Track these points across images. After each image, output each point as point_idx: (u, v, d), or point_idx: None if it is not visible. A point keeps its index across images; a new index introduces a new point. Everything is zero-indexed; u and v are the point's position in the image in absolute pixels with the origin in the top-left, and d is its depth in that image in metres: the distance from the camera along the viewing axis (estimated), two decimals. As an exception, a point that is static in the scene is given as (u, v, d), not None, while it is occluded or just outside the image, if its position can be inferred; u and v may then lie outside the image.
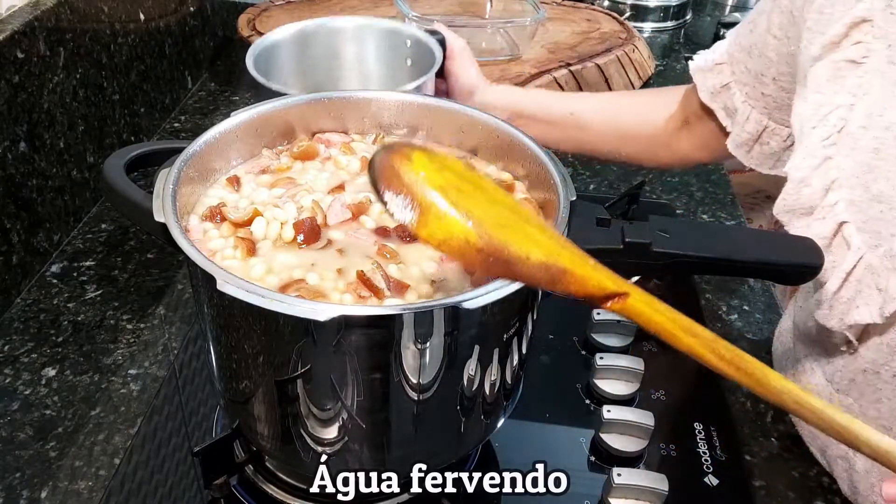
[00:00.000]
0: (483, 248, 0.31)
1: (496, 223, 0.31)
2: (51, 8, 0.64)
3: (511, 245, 0.31)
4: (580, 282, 0.33)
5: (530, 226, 0.33)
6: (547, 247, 0.32)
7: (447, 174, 0.32)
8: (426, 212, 0.30)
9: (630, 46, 0.99)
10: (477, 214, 0.31)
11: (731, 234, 0.43)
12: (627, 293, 0.34)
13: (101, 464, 0.49)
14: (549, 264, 0.32)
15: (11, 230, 0.61)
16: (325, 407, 0.39)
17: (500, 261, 0.31)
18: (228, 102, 0.95)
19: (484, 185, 0.33)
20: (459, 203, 0.31)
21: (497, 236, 0.31)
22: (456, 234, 0.30)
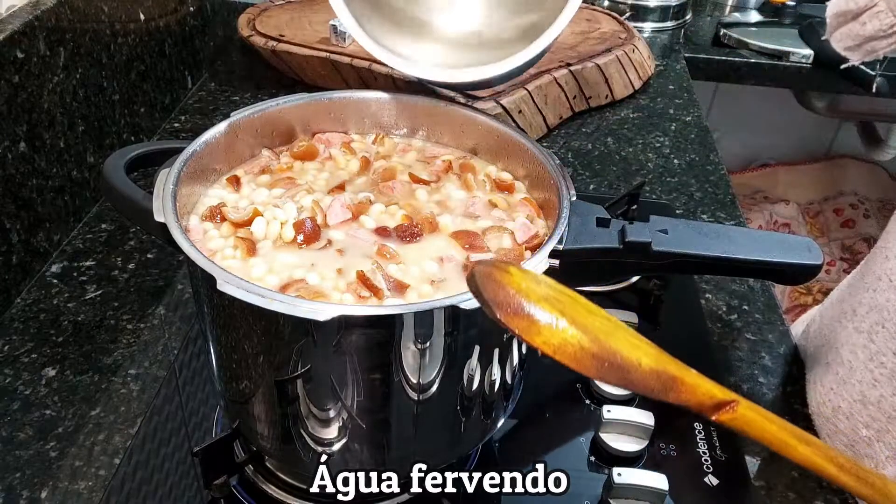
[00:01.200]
0: (597, 353, 0.31)
1: (602, 329, 0.32)
2: (51, 8, 0.64)
3: (622, 350, 0.32)
4: (691, 390, 0.33)
5: (630, 335, 0.33)
6: (653, 354, 0.33)
7: (544, 286, 0.32)
8: (536, 320, 0.30)
9: (630, 46, 0.99)
10: (583, 322, 0.31)
11: (731, 234, 0.43)
12: (737, 401, 0.34)
13: (101, 464, 0.49)
14: (659, 371, 0.32)
15: (11, 230, 0.61)
16: (325, 407, 0.39)
17: (615, 366, 0.31)
18: (228, 102, 0.95)
19: (576, 297, 0.33)
20: (565, 311, 0.31)
21: (607, 342, 0.31)
22: (570, 340, 0.31)
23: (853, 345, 0.51)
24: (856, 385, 0.50)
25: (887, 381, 0.47)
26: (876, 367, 0.48)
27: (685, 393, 0.33)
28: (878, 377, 0.48)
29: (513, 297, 0.30)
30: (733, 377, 0.59)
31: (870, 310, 0.50)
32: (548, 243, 0.38)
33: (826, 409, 0.53)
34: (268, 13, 1.01)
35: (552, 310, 0.31)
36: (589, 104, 0.96)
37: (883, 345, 0.48)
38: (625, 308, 0.61)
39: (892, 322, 0.47)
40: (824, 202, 1.63)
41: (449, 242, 0.44)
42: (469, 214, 0.46)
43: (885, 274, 0.49)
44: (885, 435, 0.48)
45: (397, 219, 0.45)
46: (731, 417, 0.34)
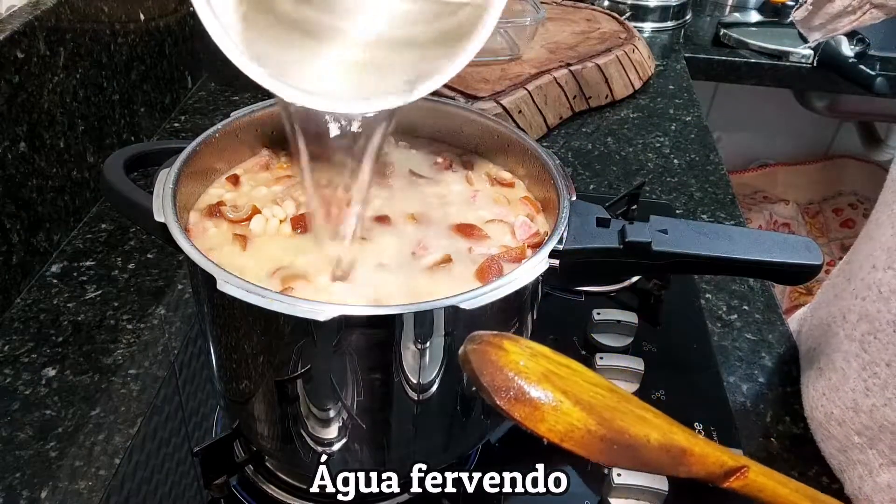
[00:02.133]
0: (605, 435, 0.29)
1: (606, 406, 0.30)
2: (51, 8, 0.64)
3: (629, 428, 0.30)
4: (701, 461, 0.32)
5: (633, 405, 0.32)
6: (659, 426, 0.31)
7: (541, 360, 0.30)
8: (540, 406, 0.29)
9: (630, 46, 0.99)
10: (587, 400, 0.29)
11: (731, 234, 0.43)
12: (747, 467, 0.33)
13: (101, 464, 0.49)
14: (668, 446, 0.31)
15: (11, 230, 0.61)
16: (325, 407, 0.39)
17: (623, 446, 0.30)
18: (228, 102, 0.95)
19: (574, 366, 0.32)
20: (568, 390, 0.29)
21: (614, 421, 0.30)
22: (576, 425, 0.29)
23: (845, 352, 0.51)
24: (849, 393, 0.50)
25: (880, 391, 0.47)
26: (869, 377, 0.48)
27: (695, 465, 0.32)
28: (871, 386, 0.48)
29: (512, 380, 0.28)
30: (733, 377, 0.59)
31: (860, 318, 0.49)
32: (548, 243, 0.38)
33: (819, 414, 0.53)
34: (268, 13, 1.01)
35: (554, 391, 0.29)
36: (589, 104, 0.96)
37: (876, 355, 0.47)
38: (625, 308, 0.61)
39: (884, 333, 0.47)
40: (824, 202, 1.63)
41: (449, 233, 0.44)
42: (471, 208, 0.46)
43: (874, 283, 0.48)
44: (877, 443, 0.48)
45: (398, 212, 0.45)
46: (743, 484, 0.33)
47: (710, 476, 0.32)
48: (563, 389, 0.29)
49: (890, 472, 0.47)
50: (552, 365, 0.30)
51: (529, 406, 0.29)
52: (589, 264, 0.41)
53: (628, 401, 0.32)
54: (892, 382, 0.46)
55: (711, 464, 0.32)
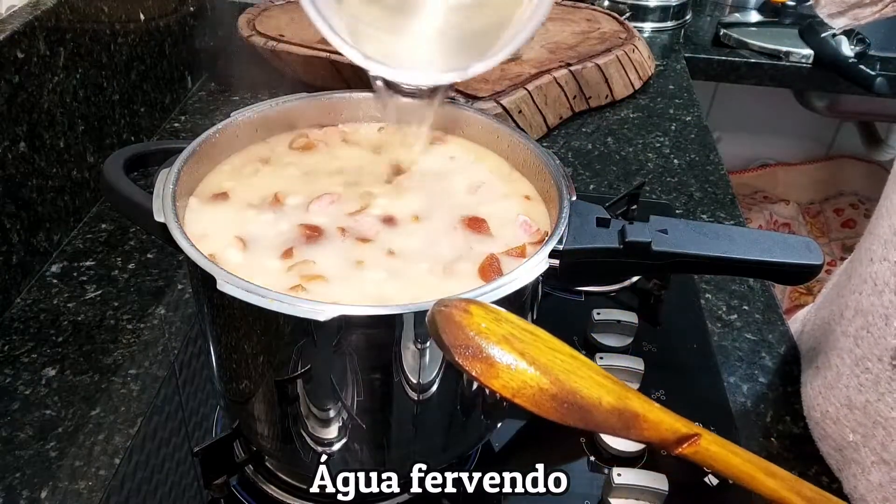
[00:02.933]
0: (557, 393, 0.31)
1: (562, 369, 0.31)
2: (51, 8, 0.64)
3: (582, 390, 0.31)
4: (653, 426, 0.33)
5: (592, 371, 0.33)
6: (615, 391, 0.32)
7: (504, 324, 0.31)
8: (496, 363, 0.30)
9: (630, 46, 0.99)
10: (543, 361, 0.31)
11: (731, 234, 0.43)
12: (699, 434, 0.34)
13: (101, 464, 0.49)
14: (621, 409, 0.32)
15: (11, 230, 0.61)
16: (325, 407, 0.39)
17: (575, 406, 0.31)
18: (228, 102, 0.95)
19: (539, 333, 0.33)
20: (525, 351, 0.31)
21: (567, 382, 0.31)
22: (529, 382, 0.30)
23: (840, 349, 0.51)
24: (843, 389, 0.50)
25: (872, 387, 0.47)
26: (862, 373, 0.48)
27: (647, 430, 0.33)
28: (864, 382, 0.48)
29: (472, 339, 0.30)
30: (733, 377, 0.59)
31: (856, 313, 0.49)
32: (548, 243, 0.38)
33: (816, 413, 0.53)
34: (268, 13, 1.01)
35: (512, 350, 0.30)
36: (589, 104, 0.96)
37: (868, 350, 0.47)
38: (625, 308, 0.61)
39: (876, 327, 0.47)
40: (824, 202, 1.63)
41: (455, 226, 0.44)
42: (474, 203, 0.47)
43: (869, 277, 0.48)
44: (870, 440, 0.48)
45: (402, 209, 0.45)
46: (694, 451, 0.34)
47: (663, 442, 0.33)
48: (521, 351, 0.31)
49: (880, 470, 0.47)
50: (515, 330, 0.32)
51: (485, 363, 0.30)
52: (589, 264, 0.41)
53: (588, 367, 0.33)
54: (884, 377, 0.46)
55: (664, 430, 0.33)
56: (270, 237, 0.42)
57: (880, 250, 0.48)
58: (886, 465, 0.46)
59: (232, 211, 0.44)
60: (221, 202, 0.45)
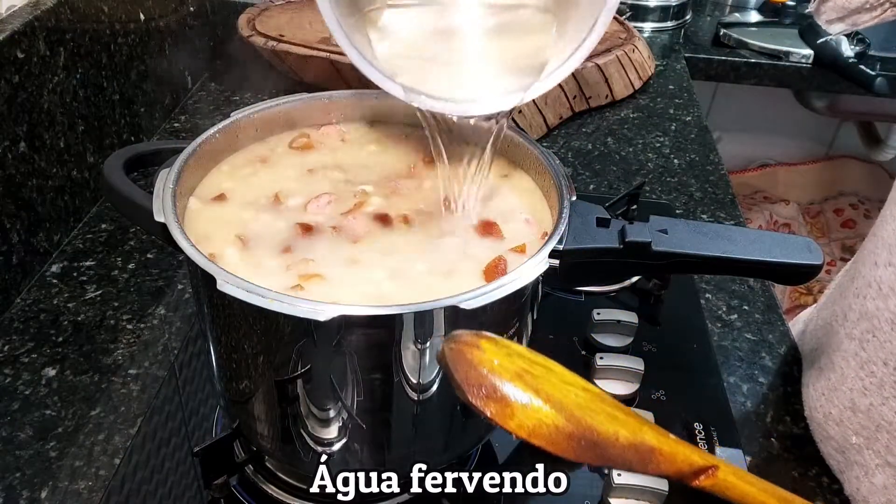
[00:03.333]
0: (573, 432, 0.30)
1: (577, 404, 0.31)
2: (51, 8, 0.64)
3: (598, 426, 0.30)
4: (669, 459, 0.32)
5: (606, 404, 0.32)
6: (630, 424, 0.32)
7: (517, 359, 0.31)
8: (511, 403, 0.29)
9: (630, 46, 0.99)
10: (558, 398, 0.30)
11: (731, 234, 0.43)
12: (716, 466, 0.33)
13: (101, 464, 0.49)
14: (637, 443, 0.31)
15: (11, 230, 0.61)
16: (325, 407, 0.39)
17: (591, 443, 0.30)
18: (228, 102, 0.95)
19: (551, 366, 0.32)
20: (539, 388, 0.30)
21: (583, 418, 0.30)
22: (544, 421, 0.30)
23: (844, 351, 0.51)
24: (846, 392, 0.50)
25: (877, 390, 0.47)
26: (866, 376, 0.48)
27: (664, 463, 0.32)
28: (869, 386, 0.48)
29: (485, 377, 0.29)
30: (733, 377, 0.59)
31: (860, 317, 0.49)
32: (548, 243, 0.38)
33: (818, 415, 0.53)
34: (268, 13, 1.01)
35: (526, 388, 0.30)
36: (589, 104, 0.96)
37: (873, 353, 0.47)
38: (625, 308, 0.61)
39: (882, 331, 0.47)
40: (824, 202, 1.63)
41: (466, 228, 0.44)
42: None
43: (874, 281, 0.48)
44: (874, 443, 0.48)
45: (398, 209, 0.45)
46: (712, 483, 0.33)
47: (679, 474, 0.33)
48: (535, 387, 0.30)
49: (885, 472, 0.47)
50: (527, 364, 0.31)
51: (500, 402, 0.29)
52: (589, 264, 0.41)
53: (602, 400, 0.32)
54: (889, 381, 0.46)
55: (680, 462, 0.33)
56: (270, 237, 0.42)
57: (885, 255, 0.48)
58: (892, 468, 0.46)
59: (231, 211, 0.44)
60: (221, 203, 0.45)
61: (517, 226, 0.44)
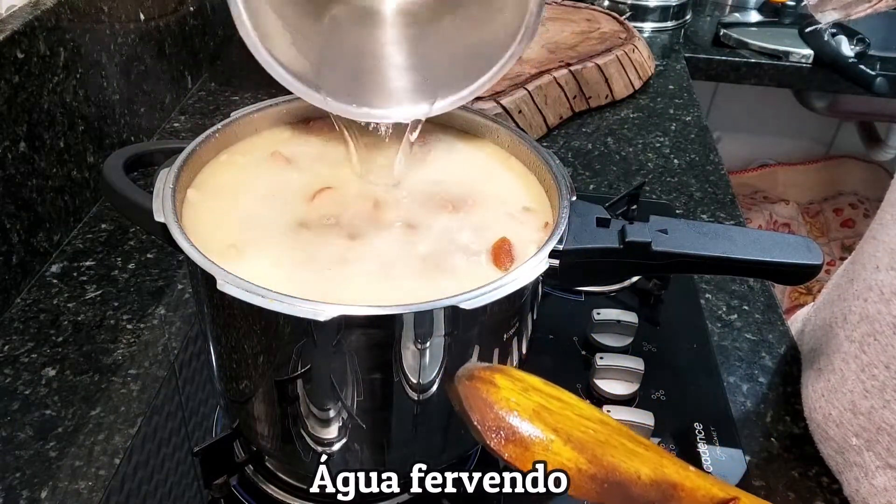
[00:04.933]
0: (595, 474, 0.29)
1: (597, 441, 0.29)
2: (51, 8, 0.64)
3: (620, 465, 0.29)
4: (691, 495, 0.31)
5: (624, 437, 0.31)
6: (650, 460, 0.31)
7: (533, 395, 0.30)
8: (530, 446, 0.28)
9: (630, 46, 0.99)
10: (577, 436, 0.29)
11: (731, 234, 0.43)
12: (738, 499, 0.32)
13: (101, 464, 0.49)
14: (659, 481, 0.30)
15: (11, 230, 0.61)
16: (325, 407, 0.39)
17: (614, 484, 0.29)
18: (228, 102, 0.95)
19: (566, 398, 0.31)
20: (559, 427, 0.29)
21: (604, 457, 0.29)
22: (567, 465, 0.29)
23: (845, 353, 0.51)
24: (847, 394, 0.50)
25: (878, 393, 0.47)
26: (867, 379, 0.48)
27: (686, 500, 0.31)
28: (870, 388, 0.48)
29: (502, 419, 0.28)
30: (733, 377, 0.59)
31: (861, 319, 0.49)
32: (548, 243, 0.38)
33: (817, 415, 0.53)
34: (268, 13, 1.01)
35: (545, 429, 0.28)
36: (589, 104, 0.96)
37: (875, 357, 0.47)
38: (625, 308, 0.61)
39: (883, 335, 0.47)
40: (824, 202, 1.63)
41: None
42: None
43: (875, 285, 0.48)
44: (874, 445, 0.48)
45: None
46: None
47: None
48: (555, 427, 0.29)
49: (886, 474, 0.47)
50: (543, 399, 0.30)
51: (520, 446, 0.28)
52: (589, 264, 0.41)
53: (619, 433, 0.31)
54: (890, 385, 0.46)
55: (701, 497, 0.32)
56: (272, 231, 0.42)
57: (887, 259, 0.48)
58: (892, 470, 0.46)
59: (231, 204, 0.44)
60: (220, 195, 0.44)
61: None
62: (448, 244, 0.42)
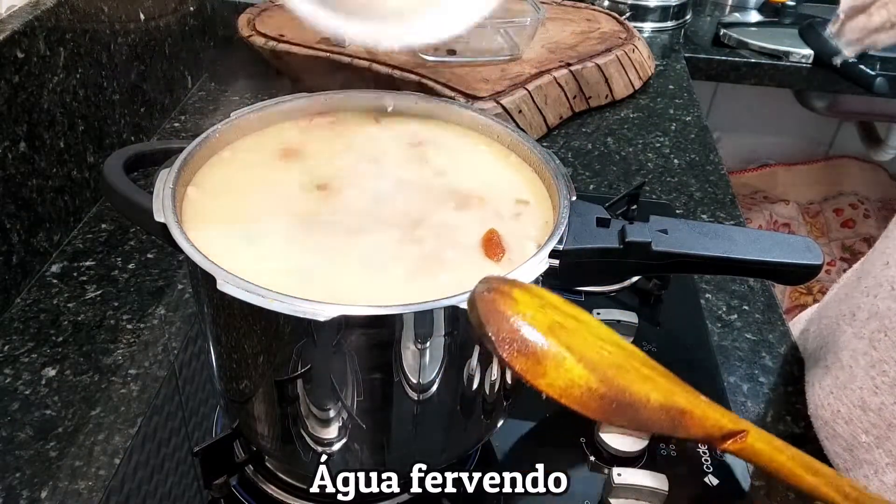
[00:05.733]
0: (605, 393, 0.29)
1: (610, 363, 0.29)
2: (51, 8, 0.64)
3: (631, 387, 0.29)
4: (699, 423, 0.31)
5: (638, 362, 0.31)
6: (662, 385, 0.30)
7: (550, 311, 0.29)
8: (543, 360, 0.28)
9: (630, 46, 0.99)
10: (591, 356, 0.29)
11: (731, 234, 0.43)
12: (746, 431, 0.32)
13: (101, 464, 0.49)
14: (668, 406, 0.30)
15: (11, 230, 0.61)
16: (325, 407, 0.39)
17: (623, 405, 0.29)
18: (228, 102, 0.95)
19: (584, 318, 0.31)
20: (573, 345, 0.28)
21: (616, 378, 0.29)
22: (577, 381, 0.28)
23: (854, 350, 0.51)
24: (856, 391, 0.50)
25: (888, 390, 0.47)
26: (878, 375, 0.48)
27: (694, 427, 0.31)
28: (880, 385, 0.48)
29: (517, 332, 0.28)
30: (733, 377, 0.59)
31: (870, 316, 0.49)
32: (548, 243, 0.38)
33: (825, 413, 0.53)
34: (268, 13, 1.01)
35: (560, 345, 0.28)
36: (589, 104, 0.96)
37: (885, 353, 0.47)
38: (625, 308, 0.61)
39: (893, 331, 0.47)
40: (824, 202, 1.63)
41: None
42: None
43: (886, 281, 0.48)
44: (885, 442, 0.47)
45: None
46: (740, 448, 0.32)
47: (708, 437, 0.32)
48: (569, 344, 0.28)
49: None
50: (560, 317, 0.29)
51: (532, 360, 0.28)
52: (589, 264, 0.41)
53: (634, 357, 0.31)
54: None
55: (710, 426, 0.32)
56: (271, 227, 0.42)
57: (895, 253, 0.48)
58: None
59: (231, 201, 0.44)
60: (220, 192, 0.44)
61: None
62: (447, 240, 0.42)
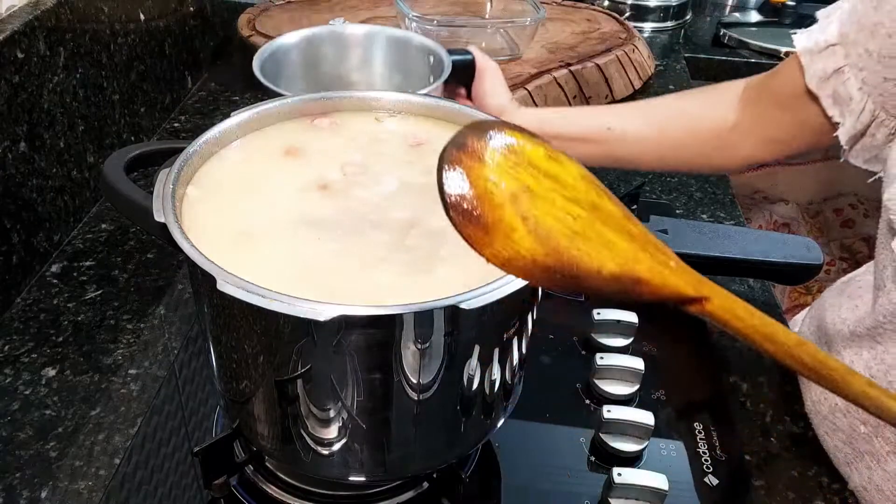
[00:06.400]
0: (551, 265, 0.28)
1: (569, 231, 0.28)
2: (51, 8, 0.64)
3: (582, 259, 0.28)
4: (655, 291, 0.31)
5: (606, 227, 0.30)
6: (623, 253, 0.30)
7: (522, 172, 0.28)
8: (491, 230, 0.27)
9: (630, 46, 0.99)
10: (547, 226, 0.28)
11: (730, 234, 0.43)
12: (708, 298, 0.32)
13: (101, 464, 0.49)
14: (621, 275, 0.29)
15: (11, 230, 0.61)
16: (325, 407, 0.39)
17: (568, 276, 0.29)
18: (228, 102, 0.95)
19: (563, 176, 0.29)
20: (529, 214, 0.28)
21: (568, 250, 0.28)
22: (522, 253, 0.28)
23: (852, 343, 0.51)
24: None
25: (883, 377, 0.47)
26: (875, 364, 0.48)
27: (647, 294, 0.30)
28: (876, 374, 0.48)
29: (468, 198, 0.27)
30: (733, 377, 0.59)
31: (869, 308, 0.50)
32: (548, 243, 0.38)
33: (823, 407, 0.53)
34: (268, 13, 1.01)
35: (513, 217, 0.27)
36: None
37: (884, 343, 0.48)
38: (625, 308, 0.61)
39: (892, 324, 0.47)
40: (824, 202, 1.63)
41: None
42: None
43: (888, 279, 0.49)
44: (883, 430, 0.48)
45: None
46: (700, 311, 0.32)
47: (664, 301, 0.31)
48: (524, 214, 0.28)
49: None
50: (533, 178, 0.29)
51: (480, 229, 0.27)
52: (589, 264, 0.41)
53: (604, 221, 0.30)
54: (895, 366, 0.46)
55: (668, 294, 0.31)
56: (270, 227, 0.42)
57: None
58: None
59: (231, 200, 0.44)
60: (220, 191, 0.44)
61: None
62: (446, 239, 0.42)
